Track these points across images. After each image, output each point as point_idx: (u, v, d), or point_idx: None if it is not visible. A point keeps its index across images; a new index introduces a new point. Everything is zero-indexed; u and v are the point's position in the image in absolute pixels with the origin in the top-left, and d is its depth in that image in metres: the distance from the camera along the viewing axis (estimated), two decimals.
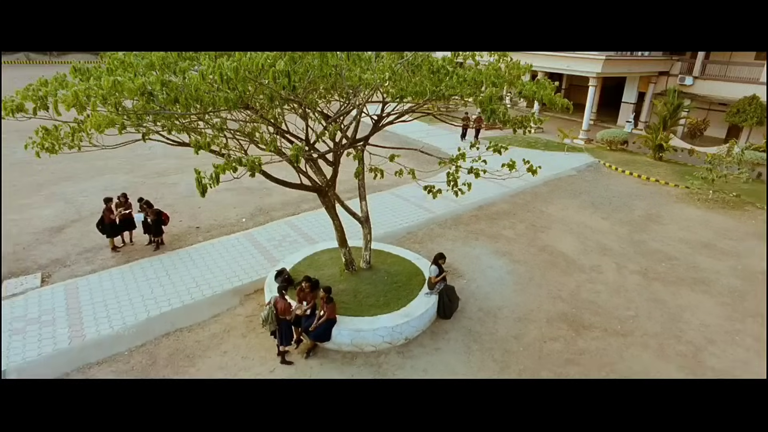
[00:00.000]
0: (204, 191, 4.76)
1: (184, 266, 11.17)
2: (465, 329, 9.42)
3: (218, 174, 4.67)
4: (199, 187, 4.70)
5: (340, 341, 8.60)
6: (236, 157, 4.92)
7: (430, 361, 8.51)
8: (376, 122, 9.23)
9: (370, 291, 9.54)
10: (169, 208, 14.62)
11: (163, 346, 8.63)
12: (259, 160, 4.91)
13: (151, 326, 9.01)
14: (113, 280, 10.44)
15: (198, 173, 4.75)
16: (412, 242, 13.05)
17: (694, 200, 17.22)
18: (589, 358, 8.76)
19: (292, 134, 7.34)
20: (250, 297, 10.31)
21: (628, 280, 11.51)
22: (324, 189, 8.79)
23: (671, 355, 8.86)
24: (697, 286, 11.29)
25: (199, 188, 4.71)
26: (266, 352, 8.56)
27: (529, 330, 9.49)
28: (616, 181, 19.26)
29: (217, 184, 4.70)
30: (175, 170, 18.81)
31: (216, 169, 4.69)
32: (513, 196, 16.85)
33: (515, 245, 13.07)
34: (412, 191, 16.78)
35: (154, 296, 9.87)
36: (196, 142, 5.08)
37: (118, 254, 11.86)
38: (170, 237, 12.86)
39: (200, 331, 9.10)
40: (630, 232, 14.29)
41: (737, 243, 13.78)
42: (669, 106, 21.04)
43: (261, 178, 7.46)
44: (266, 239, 12.73)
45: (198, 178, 4.70)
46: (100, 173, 18.22)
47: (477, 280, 11.20)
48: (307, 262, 10.67)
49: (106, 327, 8.79)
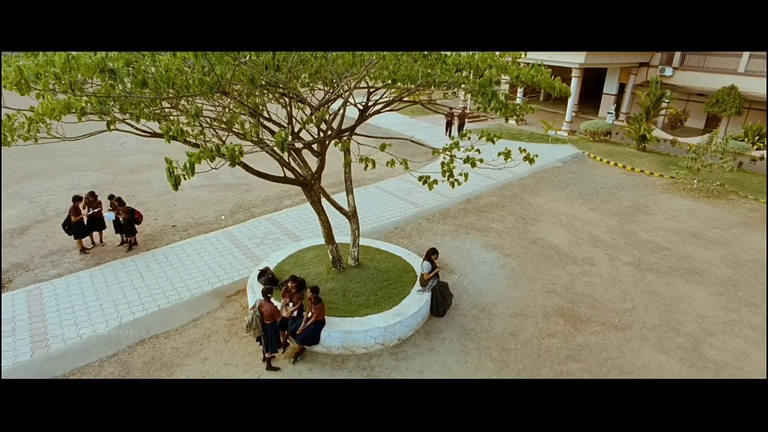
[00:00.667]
0: (177, 184, 4.17)
1: (159, 267, 10.46)
2: (460, 327, 9.01)
3: (193, 163, 4.09)
4: (171, 178, 4.10)
5: (329, 344, 8.08)
6: (214, 145, 4.32)
7: (425, 362, 8.07)
8: (362, 111, 8.73)
9: (360, 290, 9.04)
10: (143, 207, 13.85)
11: (138, 355, 7.97)
12: (240, 149, 4.34)
13: (124, 333, 8.32)
14: (81, 284, 9.68)
15: (169, 163, 4.15)
16: (400, 237, 12.59)
17: (679, 190, 17.20)
18: (589, 353, 8.45)
19: (274, 122, 6.76)
20: (232, 299, 9.69)
21: (621, 271, 11.28)
22: (309, 182, 8.23)
23: (671, 348, 8.62)
24: (690, 277, 11.13)
25: (171, 180, 4.12)
26: (250, 358, 7.99)
27: (526, 326, 9.13)
28: (602, 172, 19.16)
29: (191, 175, 4.12)
30: (148, 166, 17.92)
31: (190, 158, 4.10)
32: (500, 188, 16.55)
33: (506, 238, 12.73)
34: (397, 185, 16.32)
35: (127, 300, 9.17)
36: (168, 129, 4.47)
37: (87, 256, 11.07)
38: (144, 237, 12.12)
39: (178, 337, 8.46)
40: (620, 222, 14.12)
41: (725, 232, 13.74)
42: (652, 96, 21.02)
43: (240, 173, 6.92)
44: (247, 237, 12.09)
45: (170, 168, 4.10)
46: (68, 170, 17.21)
47: (469, 276, 10.81)
48: (292, 261, 10.10)
49: (74, 336, 8.07)
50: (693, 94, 27.01)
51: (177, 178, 4.12)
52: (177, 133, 4.49)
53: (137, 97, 4.84)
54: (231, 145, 4.27)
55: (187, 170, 4.10)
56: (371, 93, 8.65)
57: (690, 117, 26.28)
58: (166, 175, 4.13)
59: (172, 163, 4.13)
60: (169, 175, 4.10)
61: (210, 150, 4.28)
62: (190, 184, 16.02)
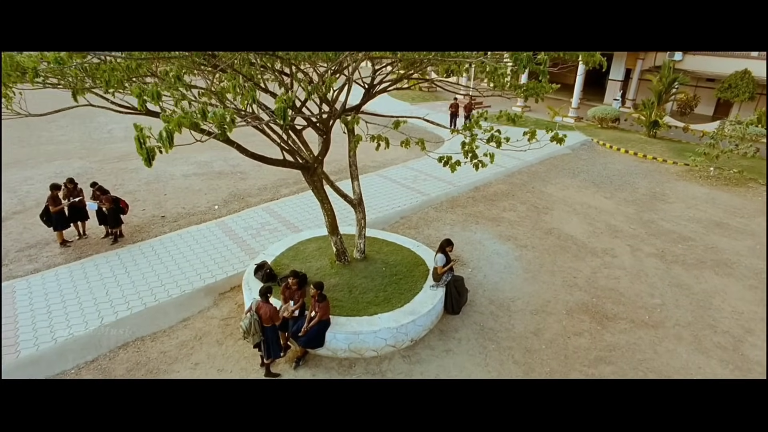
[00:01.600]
0: (150, 158, 3.29)
1: (146, 262, 9.58)
2: (477, 326, 8.22)
3: (172, 132, 3.20)
4: (142, 151, 3.22)
5: (335, 346, 7.27)
6: (198, 108, 3.40)
7: (441, 366, 7.27)
8: (368, 89, 7.87)
9: (368, 285, 8.21)
10: (130, 196, 12.95)
11: (120, 360, 7.11)
12: (231, 114, 3.44)
13: (106, 336, 7.47)
14: (60, 280, 8.79)
15: (140, 131, 3.24)
16: (406, 228, 11.75)
17: (695, 177, 16.43)
18: (621, 354, 7.67)
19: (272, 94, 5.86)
20: (226, 296, 8.84)
21: (645, 263, 10.50)
22: (312, 165, 7.35)
23: (710, 348, 7.86)
24: (720, 269, 10.36)
25: (143, 154, 3.23)
26: (247, 363, 7.17)
27: (549, 324, 8.35)
28: (613, 159, 18.34)
29: (168, 147, 3.23)
30: (137, 155, 16.88)
31: (168, 125, 3.21)
32: (509, 176, 15.70)
33: (519, 228, 11.91)
34: (401, 172, 15.45)
35: (109, 299, 8.30)
36: (140, 93, 3.55)
37: (68, 249, 10.17)
38: (131, 228, 11.22)
39: (166, 340, 7.62)
40: (637, 211, 13.33)
41: (748, 221, 12.98)
42: (664, 80, 20.15)
43: (234, 160, 6.04)
44: (242, 228, 11.21)
45: (140, 136, 3.19)
46: (51, 159, 16.22)
47: (483, 269, 9.99)
48: (292, 254, 9.24)
49: (48, 339, 7.20)
50: (702, 79, 26.23)
51: (150, 150, 3.24)
52: (152, 96, 3.58)
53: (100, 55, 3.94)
54: (221, 110, 3.38)
55: (164, 141, 3.21)
56: (377, 70, 7.80)
57: (699, 103, 25.49)
58: (136, 147, 3.23)
59: (143, 131, 3.23)
60: (139, 147, 3.20)
61: (193, 114, 3.38)
62: (181, 173, 15.11)
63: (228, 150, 17.20)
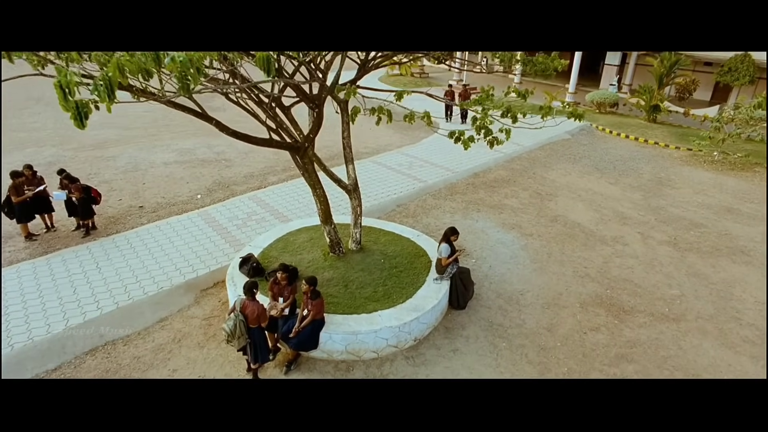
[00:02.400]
0: (82, 117, 2.45)
1: (120, 256, 8.72)
2: (485, 322, 7.52)
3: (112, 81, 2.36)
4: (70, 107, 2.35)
5: (330, 348, 6.52)
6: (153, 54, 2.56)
7: (449, 368, 6.57)
8: (362, 64, 7.09)
9: (365, 279, 7.46)
10: (106, 185, 12.03)
11: (87, 368, 6.28)
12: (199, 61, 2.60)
13: (72, 340, 6.64)
14: (21, 278, 7.90)
15: (64, 76, 2.35)
16: (403, 216, 10.99)
17: (700, 162, 15.87)
18: (643, 351, 7.03)
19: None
20: (208, 292, 8.04)
21: (658, 252, 9.88)
22: (302, 145, 6.53)
23: (737, 343, 7.26)
24: (736, 257, 9.78)
25: (72, 111, 2.39)
26: (231, 368, 6.39)
27: (563, 319, 7.69)
28: (614, 145, 17.72)
29: (110, 99, 2.40)
30: (115, 142, 15.93)
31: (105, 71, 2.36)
32: (509, 162, 14.99)
33: (523, 216, 11.23)
34: (396, 158, 14.66)
35: (77, 298, 7.44)
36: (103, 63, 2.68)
37: (34, 243, 9.26)
38: (105, 219, 10.32)
39: (140, 343, 6.80)
40: (644, 197, 12.72)
41: (759, 207, 12.44)
42: (666, 63, 19.51)
43: (219, 147, 5.24)
44: (227, 218, 10.37)
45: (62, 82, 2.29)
46: (21, 146, 15.13)
47: (488, 259, 9.29)
48: (281, 245, 8.44)
49: (3, 345, 6.34)
50: (700, 63, 25.68)
51: (82, 106, 2.39)
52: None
53: None
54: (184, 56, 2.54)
55: (101, 92, 2.35)
56: None
57: (698, 87, 24.95)
58: (59, 100, 2.37)
59: (67, 76, 2.35)
60: (62, 98, 2.34)
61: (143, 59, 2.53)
62: (161, 160, 14.17)
63: (212, 136, 16.23)
